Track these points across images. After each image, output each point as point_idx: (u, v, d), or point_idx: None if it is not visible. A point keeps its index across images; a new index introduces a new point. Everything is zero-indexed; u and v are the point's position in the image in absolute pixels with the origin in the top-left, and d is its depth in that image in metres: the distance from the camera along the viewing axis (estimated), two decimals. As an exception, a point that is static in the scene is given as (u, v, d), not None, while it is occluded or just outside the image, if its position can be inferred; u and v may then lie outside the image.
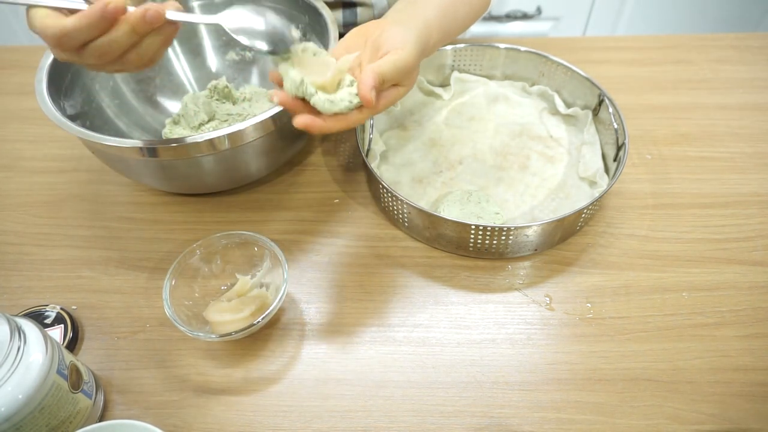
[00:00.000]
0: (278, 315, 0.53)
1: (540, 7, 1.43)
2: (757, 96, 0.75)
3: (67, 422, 0.42)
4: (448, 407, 0.47)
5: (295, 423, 0.46)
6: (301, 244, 0.59)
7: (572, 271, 0.56)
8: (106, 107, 0.65)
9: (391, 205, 0.58)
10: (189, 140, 0.50)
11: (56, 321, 0.52)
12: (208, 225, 0.61)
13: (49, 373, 0.39)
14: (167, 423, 0.46)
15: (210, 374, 0.49)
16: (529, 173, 0.64)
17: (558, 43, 0.86)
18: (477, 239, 0.54)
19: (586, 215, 0.56)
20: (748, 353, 0.50)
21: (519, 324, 0.52)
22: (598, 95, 0.64)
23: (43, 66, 0.56)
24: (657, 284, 0.55)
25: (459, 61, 0.73)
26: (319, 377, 0.49)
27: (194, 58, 0.73)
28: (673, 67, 0.80)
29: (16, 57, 0.85)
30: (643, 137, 0.69)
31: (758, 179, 0.64)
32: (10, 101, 0.77)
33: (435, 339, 0.51)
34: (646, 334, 0.51)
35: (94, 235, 0.61)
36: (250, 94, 0.72)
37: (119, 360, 0.50)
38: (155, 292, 0.55)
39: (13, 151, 0.70)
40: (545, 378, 0.49)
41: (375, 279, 0.56)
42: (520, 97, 0.72)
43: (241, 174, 0.59)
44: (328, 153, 0.68)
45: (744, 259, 0.57)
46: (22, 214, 0.63)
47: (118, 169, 0.57)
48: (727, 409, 0.46)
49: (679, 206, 0.62)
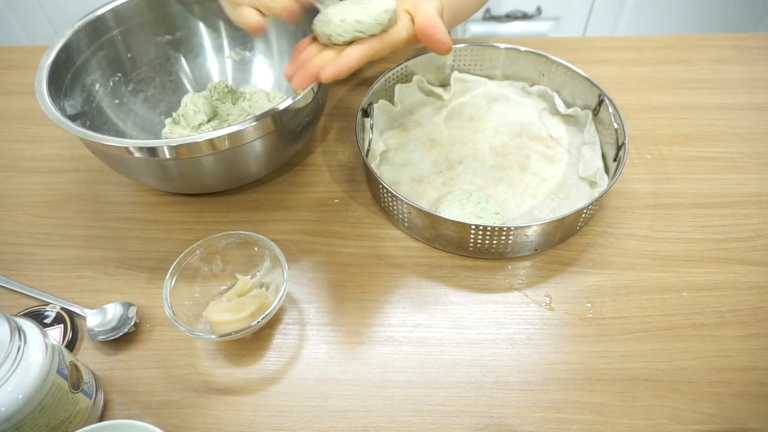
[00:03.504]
0: (278, 315, 0.53)
1: (540, 7, 1.43)
2: (757, 96, 0.75)
3: (67, 422, 0.42)
4: (448, 407, 0.47)
5: (295, 423, 0.46)
6: (301, 244, 0.59)
7: (572, 271, 0.56)
8: (106, 107, 0.65)
9: (391, 205, 0.58)
10: (189, 140, 0.50)
11: (56, 321, 0.52)
12: (208, 225, 0.61)
13: (49, 373, 0.39)
14: (167, 423, 0.46)
15: (210, 374, 0.49)
16: (529, 173, 0.64)
17: (558, 43, 0.86)
18: (477, 239, 0.54)
19: (586, 215, 0.57)
20: (748, 353, 0.50)
21: (519, 324, 0.52)
22: (598, 95, 0.64)
23: (43, 66, 0.56)
24: (657, 284, 0.55)
25: (459, 61, 0.73)
26: (319, 377, 0.49)
27: (194, 58, 0.73)
28: (673, 67, 0.80)
29: (16, 57, 0.85)
30: (643, 137, 0.69)
31: (758, 179, 0.64)
32: (10, 101, 0.77)
33: (435, 339, 0.51)
34: (646, 334, 0.51)
35: (94, 235, 0.61)
36: (250, 94, 0.72)
37: (119, 360, 0.50)
38: (155, 292, 0.55)
39: (13, 151, 0.70)
40: (545, 378, 0.49)
41: (375, 279, 0.56)
42: (520, 97, 0.72)
43: (241, 174, 0.59)
44: (328, 153, 0.68)
45: (744, 259, 0.57)
46: (22, 214, 0.63)
47: (118, 169, 0.57)
48: (727, 409, 0.46)
49: (679, 206, 0.62)
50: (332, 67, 0.45)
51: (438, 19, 0.46)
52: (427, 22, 0.45)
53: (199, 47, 0.73)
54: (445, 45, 0.45)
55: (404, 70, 0.70)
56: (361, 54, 0.46)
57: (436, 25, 0.45)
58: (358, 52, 0.46)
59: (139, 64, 0.69)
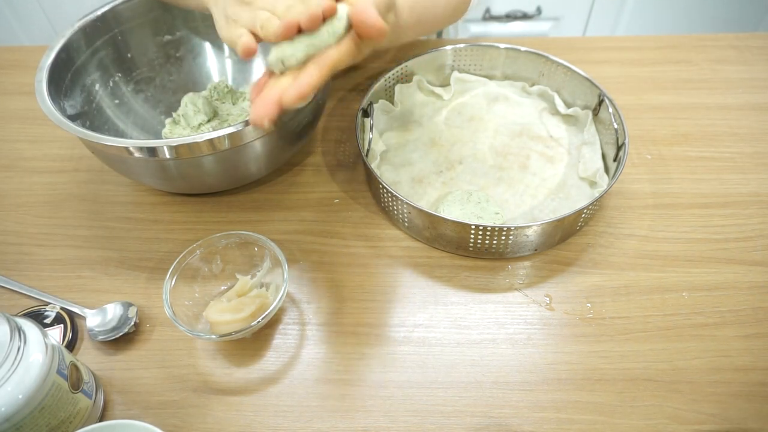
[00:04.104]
0: (278, 315, 0.53)
1: (540, 7, 1.43)
2: (757, 96, 0.75)
3: (67, 422, 0.42)
4: (448, 407, 0.47)
5: (295, 423, 0.46)
6: (301, 244, 0.59)
7: (572, 271, 0.56)
8: (106, 107, 0.65)
9: (391, 205, 0.58)
10: (189, 140, 0.50)
11: (56, 321, 0.52)
12: (208, 225, 0.61)
13: (49, 373, 0.39)
14: (167, 423, 0.46)
15: (210, 374, 0.49)
16: (529, 173, 0.64)
17: (558, 43, 0.86)
18: (477, 239, 0.54)
19: (586, 215, 0.57)
20: (748, 353, 0.50)
21: (519, 324, 0.52)
22: (598, 95, 0.64)
23: (43, 66, 0.56)
24: (657, 284, 0.55)
25: (459, 61, 0.73)
26: (319, 377, 0.49)
27: (194, 58, 0.73)
28: (673, 67, 0.80)
29: (16, 57, 0.85)
30: (643, 137, 0.69)
31: (758, 179, 0.64)
32: (10, 101, 0.77)
33: (435, 339, 0.51)
34: (646, 334, 0.51)
35: (94, 235, 0.61)
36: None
37: (119, 360, 0.50)
38: (155, 292, 0.55)
39: (13, 151, 0.70)
40: (545, 378, 0.49)
41: (375, 279, 0.56)
42: (520, 97, 0.72)
43: (241, 174, 0.59)
44: (328, 153, 0.68)
45: (744, 259, 0.57)
46: (22, 214, 0.63)
47: (118, 169, 0.57)
48: (727, 409, 0.46)
49: (679, 206, 0.62)
50: (293, 90, 0.41)
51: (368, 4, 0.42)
52: (358, 7, 0.42)
53: (199, 47, 0.73)
54: (375, 26, 0.41)
55: (404, 70, 0.71)
56: (321, 67, 0.42)
57: (366, 9, 0.41)
58: (318, 66, 0.42)
59: (139, 64, 0.69)
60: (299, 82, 0.41)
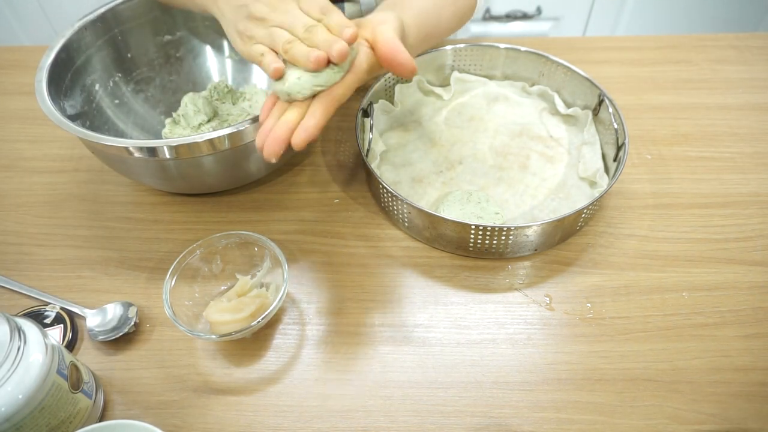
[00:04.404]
0: (278, 315, 0.53)
1: (540, 7, 1.43)
2: (757, 96, 0.75)
3: (67, 422, 0.42)
4: (448, 407, 0.47)
5: (295, 423, 0.46)
6: (301, 244, 0.59)
7: (572, 271, 0.56)
8: (106, 107, 0.65)
9: (391, 205, 0.58)
10: (189, 140, 0.50)
11: (56, 321, 0.52)
12: (208, 225, 0.61)
13: (49, 373, 0.39)
14: (167, 423, 0.46)
15: (210, 374, 0.49)
16: (529, 173, 0.64)
17: (558, 43, 0.86)
18: (477, 239, 0.54)
19: (586, 215, 0.57)
20: (748, 353, 0.50)
21: (519, 324, 0.52)
22: (598, 95, 0.64)
23: (43, 66, 0.56)
24: (657, 284, 0.55)
25: (459, 61, 0.73)
26: (319, 377, 0.49)
27: (194, 58, 0.73)
28: (673, 67, 0.80)
29: (16, 57, 0.85)
30: (643, 137, 0.69)
31: (758, 179, 0.64)
32: (10, 101, 0.77)
33: (435, 339, 0.51)
34: (646, 334, 0.51)
35: (94, 235, 0.61)
36: (250, 94, 0.72)
37: (119, 360, 0.50)
38: (155, 292, 0.55)
39: (13, 151, 0.70)
40: (545, 378, 0.49)
41: (375, 279, 0.56)
42: (520, 97, 0.72)
43: (241, 174, 0.59)
44: (328, 153, 0.68)
45: (744, 259, 0.57)
46: (22, 214, 0.63)
47: (118, 169, 0.57)
48: (727, 409, 0.46)
49: (679, 206, 0.62)
50: (302, 134, 0.42)
51: (398, 42, 0.43)
52: (387, 46, 0.43)
53: (199, 47, 0.73)
54: (408, 67, 0.43)
55: (404, 70, 0.70)
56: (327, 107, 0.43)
57: (396, 48, 0.43)
58: (323, 106, 0.43)
59: (139, 64, 0.69)
60: (306, 127, 0.42)
